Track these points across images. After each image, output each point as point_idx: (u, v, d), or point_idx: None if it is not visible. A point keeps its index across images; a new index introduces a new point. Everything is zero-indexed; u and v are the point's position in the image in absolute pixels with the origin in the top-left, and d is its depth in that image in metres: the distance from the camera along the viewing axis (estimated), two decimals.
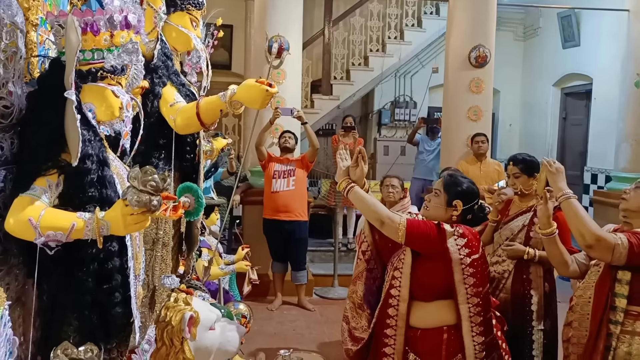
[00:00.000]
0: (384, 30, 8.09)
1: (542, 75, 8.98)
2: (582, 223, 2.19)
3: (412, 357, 2.32)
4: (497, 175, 5.50)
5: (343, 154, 2.42)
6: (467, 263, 2.24)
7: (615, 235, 2.17)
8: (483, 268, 2.34)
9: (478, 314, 2.27)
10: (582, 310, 2.35)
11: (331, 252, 6.19)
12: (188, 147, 2.29)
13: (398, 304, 2.33)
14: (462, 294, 2.25)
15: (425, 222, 2.30)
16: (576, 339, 2.36)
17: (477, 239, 2.33)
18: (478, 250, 2.29)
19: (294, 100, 5.78)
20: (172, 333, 2.23)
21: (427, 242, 2.24)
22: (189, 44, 2.34)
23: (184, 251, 2.55)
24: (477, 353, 2.27)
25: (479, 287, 2.27)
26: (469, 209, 2.37)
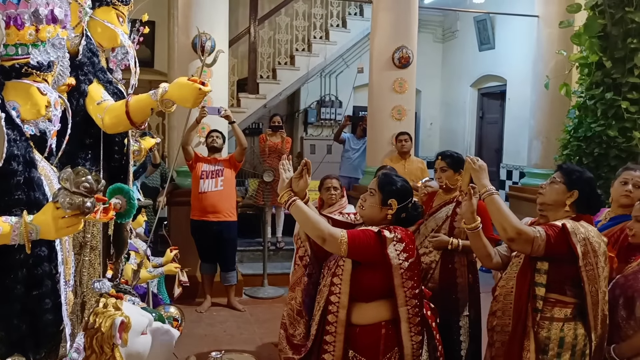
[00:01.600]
0: (310, 30, 8.14)
1: (460, 76, 9.38)
2: (504, 218, 2.31)
3: (352, 353, 2.36)
4: (420, 172, 5.69)
5: (286, 164, 2.42)
6: (405, 267, 2.30)
7: (534, 229, 2.31)
8: (418, 269, 2.43)
9: (416, 315, 2.35)
10: (505, 299, 2.48)
11: (260, 251, 6.16)
12: (116, 146, 2.21)
13: (338, 310, 2.35)
14: (401, 297, 2.31)
15: (365, 232, 2.32)
16: (500, 327, 2.49)
17: (413, 240, 2.40)
18: (414, 253, 2.36)
19: (220, 99, 5.70)
20: (102, 340, 2.14)
21: (368, 252, 2.28)
22: (116, 40, 2.26)
23: (112, 255, 2.46)
24: (415, 351, 2.34)
25: (416, 290, 2.35)
26: (403, 208, 2.42)
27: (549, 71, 5.82)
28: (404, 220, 2.47)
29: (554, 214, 2.42)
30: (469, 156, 2.63)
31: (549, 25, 6.07)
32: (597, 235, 2.32)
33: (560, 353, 2.30)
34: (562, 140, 5.16)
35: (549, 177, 2.55)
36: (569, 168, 2.49)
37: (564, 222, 2.29)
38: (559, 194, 2.40)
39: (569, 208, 2.39)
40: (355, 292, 2.35)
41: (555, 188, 2.42)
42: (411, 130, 6.04)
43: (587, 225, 2.32)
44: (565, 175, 2.42)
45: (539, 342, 2.33)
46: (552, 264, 2.33)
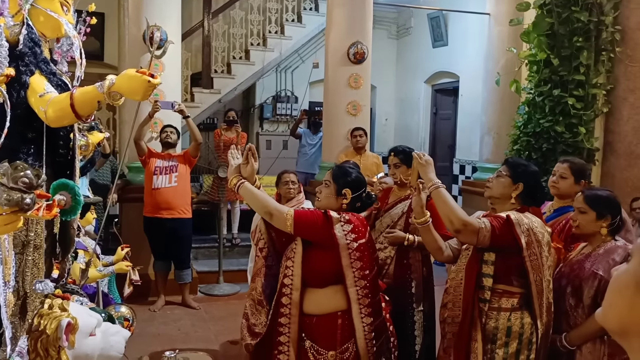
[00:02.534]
0: (265, 25, 8.08)
1: (414, 73, 9.50)
2: (450, 210, 2.36)
3: (309, 343, 2.37)
4: (375, 167, 5.74)
5: (234, 153, 2.47)
6: (354, 248, 2.34)
7: (479, 220, 2.36)
8: (370, 252, 2.45)
9: (366, 296, 2.38)
10: (455, 291, 2.53)
11: (215, 248, 6.09)
12: (61, 141, 2.12)
13: (291, 292, 2.38)
14: (350, 278, 2.35)
15: (312, 211, 2.40)
16: (451, 319, 2.53)
17: (364, 224, 2.44)
18: (365, 235, 2.39)
19: (174, 93, 5.59)
20: (48, 342, 2.05)
21: (315, 230, 2.33)
22: (59, 30, 2.16)
23: (58, 254, 2.37)
24: (367, 334, 2.37)
25: (366, 271, 2.38)
26: (357, 197, 2.49)
27: (500, 68, 5.96)
28: (358, 209, 2.53)
29: (501, 206, 2.49)
30: (416, 152, 2.69)
31: (500, 23, 6.22)
32: (540, 226, 2.38)
33: (508, 342, 2.36)
34: (512, 136, 5.29)
35: None
36: (515, 162, 2.56)
37: (509, 213, 2.35)
38: (505, 187, 2.47)
39: (515, 200, 2.46)
40: (308, 275, 2.39)
41: (502, 181, 2.48)
42: (366, 126, 6.09)
43: (531, 216, 2.39)
44: (510, 169, 2.49)
45: (487, 332, 2.39)
46: (499, 255, 2.39)
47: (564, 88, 4.67)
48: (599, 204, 2.44)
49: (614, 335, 0.87)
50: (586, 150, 4.68)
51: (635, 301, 0.80)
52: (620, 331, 0.85)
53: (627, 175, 4.72)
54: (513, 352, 2.35)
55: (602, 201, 2.46)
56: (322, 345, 2.37)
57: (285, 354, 2.39)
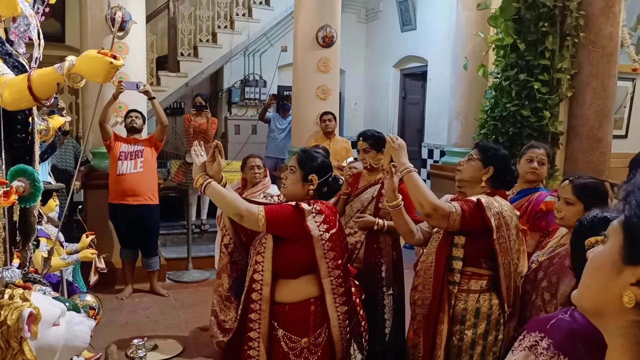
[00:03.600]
0: (232, 7, 7.94)
1: (383, 57, 9.48)
2: (421, 194, 2.37)
3: (281, 332, 2.35)
4: (345, 152, 5.74)
5: (198, 150, 2.40)
6: (327, 238, 2.31)
7: (450, 204, 2.38)
8: (341, 240, 2.44)
9: (340, 285, 2.37)
10: (426, 274, 2.55)
11: (184, 234, 6.02)
12: (19, 125, 2.03)
13: (262, 288, 2.35)
14: (324, 269, 2.33)
15: (283, 206, 2.33)
16: (421, 301, 2.56)
17: (334, 212, 2.42)
18: (335, 224, 2.38)
19: (139, 76, 5.45)
20: (9, 334, 1.99)
21: (287, 226, 2.29)
22: (15, 9, 2.06)
23: (19, 242, 2.29)
24: (341, 322, 2.37)
25: (339, 260, 2.37)
26: (324, 182, 2.45)
27: (468, 52, 5.98)
28: (325, 195, 2.50)
29: (471, 190, 2.51)
30: (389, 135, 2.68)
31: (468, 8, 6.23)
32: (510, 210, 2.41)
33: (477, 323, 2.40)
34: (480, 120, 5.34)
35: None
36: (485, 146, 2.58)
37: (479, 197, 2.37)
38: (476, 170, 2.49)
39: (485, 184, 2.48)
40: (279, 268, 2.36)
41: (472, 165, 2.50)
42: (335, 110, 6.06)
43: (500, 200, 2.42)
44: (481, 153, 2.50)
45: (456, 313, 2.41)
46: (469, 239, 2.41)
47: (530, 72, 4.71)
48: (588, 196, 2.29)
49: (589, 316, 0.88)
50: (550, 134, 4.75)
51: (610, 282, 0.80)
52: (595, 312, 0.86)
53: (589, 159, 4.81)
54: (481, 333, 2.39)
55: (592, 193, 2.31)
56: (295, 333, 2.35)
57: (255, 350, 2.37)
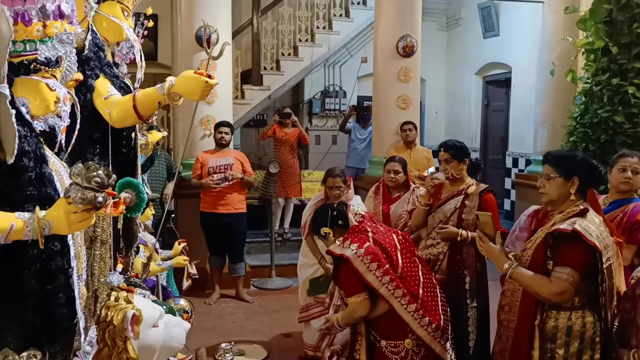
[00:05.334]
0: (313, 20, 8.10)
1: (465, 64, 9.33)
2: (537, 290, 2.23)
3: (384, 342, 2.64)
4: (426, 161, 5.68)
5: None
6: (362, 253, 2.61)
7: (560, 276, 2.18)
8: (384, 247, 2.69)
9: (398, 287, 2.60)
10: (513, 296, 2.46)
11: (267, 242, 6.18)
12: (124, 141, 2.21)
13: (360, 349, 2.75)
14: (373, 279, 2.58)
15: (352, 283, 2.63)
16: (507, 323, 2.47)
17: (358, 229, 2.75)
18: (366, 239, 2.68)
19: (225, 91, 5.70)
20: (115, 333, 2.16)
21: (351, 280, 2.63)
22: (121, 34, 2.26)
23: (122, 249, 2.48)
24: (420, 321, 2.62)
25: (386, 265, 2.60)
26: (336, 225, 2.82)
27: (555, 58, 5.78)
28: (344, 225, 2.85)
29: (561, 205, 2.38)
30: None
31: (554, 11, 6.03)
32: (604, 228, 2.28)
33: (569, 342, 2.26)
34: (568, 127, 5.13)
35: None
36: (558, 158, 2.39)
37: (574, 227, 2.18)
38: (560, 187, 2.31)
39: (574, 196, 2.34)
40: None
41: (555, 183, 2.33)
42: (416, 120, 6.03)
43: (593, 217, 2.28)
44: (558, 167, 2.33)
45: (546, 331, 2.30)
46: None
47: (624, 76, 4.48)
48: None
49: None
50: None
51: None
52: None
53: None
54: (575, 352, 2.26)
55: None
56: (397, 338, 2.56)
57: None
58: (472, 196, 3.32)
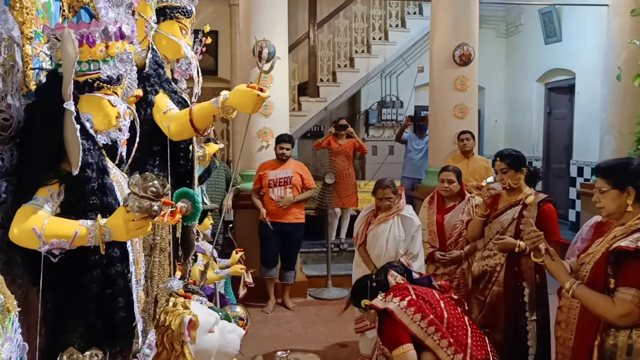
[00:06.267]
0: (369, 32, 8.15)
1: (526, 71, 9.09)
2: (596, 311, 2.14)
3: None
4: (484, 171, 5.57)
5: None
6: (405, 305, 2.63)
7: (624, 297, 2.08)
8: (426, 300, 2.69)
9: (443, 337, 2.59)
10: (570, 313, 2.38)
11: (324, 253, 6.22)
12: (182, 153, 2.31)
13: None
14: (417, 331, 2.58)
15: (395, 333, 2.64)
16: (562, 340, 2.40)
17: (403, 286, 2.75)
18: (407, 292, 2.69)
19: (282, 103, 5.82)
20: (172, 337, 2.25)
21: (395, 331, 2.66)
22: (179, 52, 2.37)
23: (180, 256, 2.58)
24: None
25: (430, 316, 2.60)
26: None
27: (621, 62, 5.56)
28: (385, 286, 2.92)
29: (621, 218, 2.27)
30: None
31: (620, 15, 5.80)
32: None
33: None
34: (637, 134, 4.91)
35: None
36: (608, 169, 2.28)
37: (638, 244, 2.06)
38: (616, 199, 2.20)
39: (632, 207, 2.23)
40: None
41: (610, 196, 2.22)
42: (474, 129, 5.94)
43: None
44: (610, 179, 2.22)
45: (605, 350, 2.19)
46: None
47: None
48: None
49: None
50: None
51: None
52: None
53: None
54: None
55: None
56: None
57: None
58: (531, 206, 3.24)
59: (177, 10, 2.33)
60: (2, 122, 1.52)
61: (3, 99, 1.50)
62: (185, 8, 2.36)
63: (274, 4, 5.67)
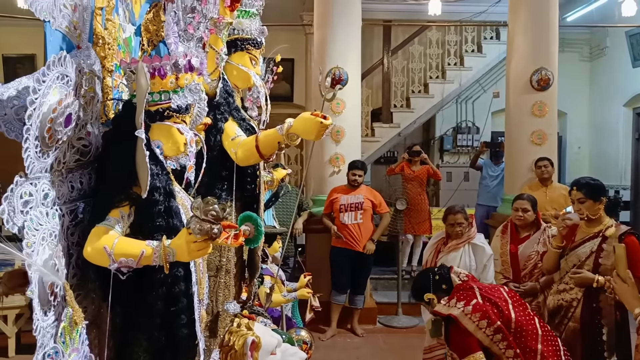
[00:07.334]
0: (443, 57, 8.11)
1: (612, 96, 8.67)
2: None
3: None
4: (564, 200, 5.31)
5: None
6: (470, 311, 2.52)
7: None
8: (493, 302, 2.55)
9: (509, 347, 2.48)
10: None
11: (395, 280, 6.15)
12: (249, 177, 2.39)
13: None
14: (483, 337, 2.48)
15: (465, 339, 2.54)
16: None
17: (467, 287, 2.63)
18: (473, 295, 2.57)
19: (354, 129, 5.87)
20: (235, 357, 2.30)
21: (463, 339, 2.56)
22: (249, 81, 2.47)
23: (246, 278, 2.65)
24: None
25: (497, 322, 2.48)
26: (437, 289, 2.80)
27: None
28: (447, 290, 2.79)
29: None
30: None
31: None
32: None
33: None
34: None
35: None
36: None
37: None
38: None
39: None
40: None
41: None
42: (554, 155, 5.72)
43: None
44: None
45: None
46: None
47: None
48: None
49: None
50: None
51: None
52: None
53: None
54: None
55: None
56: None
57: None
58: (611, 239, 3.06)
59: (248, 42, 2.44)
60: (82, 148, 1.65)
61: (83, 127, 1.64)
62: (255, 40, 2.47)
63: (349, 32, 5.78)
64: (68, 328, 1.42)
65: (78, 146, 1.64)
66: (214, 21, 2.13)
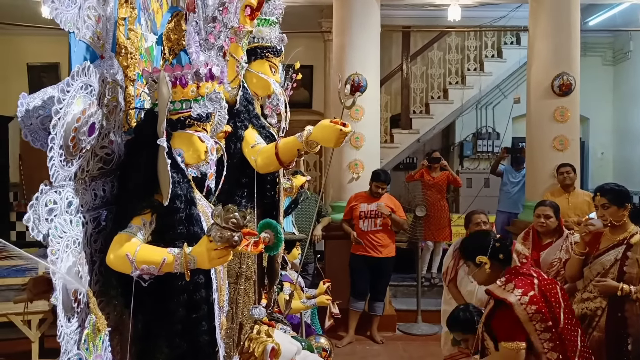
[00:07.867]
0: (463, 63, 8.06)
1: (636, 100, 8.53)
2: None
3: None
4: (587, 206, 5.23)
5: None
6: (527, 301, 2.37)
7: None
8: (550, 301, 2.44)
9: (553, 350, 2.35)
10: None
11: (414, 287, 6.11)
12: (268, 185, 2.40)
13: None
14: (531, 330, 2.36)
15: (510, 328, 2.43)
16: None
17: (526, 275, 2.50)
18: (531, 287, 2.45)
19: (373, 135, 5.87)
20: None
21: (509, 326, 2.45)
22: (269, 89, 2.48)
23: (266, 285, 2.65)
24: None
25: (548, 322, 2.38)
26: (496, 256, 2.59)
27: None
28: (505, 260, 2.60)
29: None
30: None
31: None
32: None
33: None
34: None
35: None
36: None
37: None
38: None
39: None
40: None
41: None
42: (576, 161, 5.64)
43: None
44: None
45: None
46: None
47: None
48: None
49: None
50: None
51: None
52: None
53: None
54: None
55: None
56: None
57: None
58: (636, 247, 3.01)
59: (268, 50, 2.46)
60: (105, 156, 1.68)
61: (106, 136, 1.66)
62: (275, 48, 2.48)
63: (368, 39, 5.79)
64: (91, 335, 1.44)
65: (101, 155, 1.67)
66: (235, 30, 2.15)
